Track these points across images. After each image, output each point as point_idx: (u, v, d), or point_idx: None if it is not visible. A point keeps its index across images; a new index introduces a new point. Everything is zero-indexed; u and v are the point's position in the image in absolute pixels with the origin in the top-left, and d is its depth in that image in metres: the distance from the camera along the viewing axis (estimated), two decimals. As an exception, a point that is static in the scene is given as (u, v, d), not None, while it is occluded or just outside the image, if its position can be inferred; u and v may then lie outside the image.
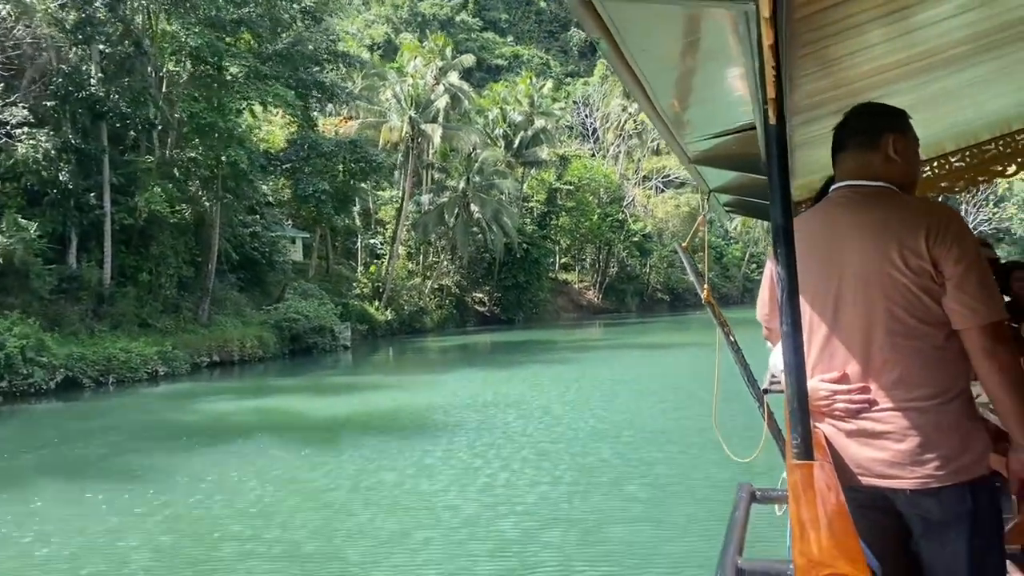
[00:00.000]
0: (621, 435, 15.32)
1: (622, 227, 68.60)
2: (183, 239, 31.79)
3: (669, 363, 28.53)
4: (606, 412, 17.95)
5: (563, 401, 19.98)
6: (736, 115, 2.75)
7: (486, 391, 21.87)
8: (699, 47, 2.04)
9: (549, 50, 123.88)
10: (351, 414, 18.53)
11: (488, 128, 60.51)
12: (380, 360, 36.87)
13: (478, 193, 52.37)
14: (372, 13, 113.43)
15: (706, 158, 3.48)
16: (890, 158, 2.40)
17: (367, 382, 24.91)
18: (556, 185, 64.78)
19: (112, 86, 27.67)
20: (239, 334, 33.29)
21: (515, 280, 59.57)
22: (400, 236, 51.31)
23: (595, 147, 77.47)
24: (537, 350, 36.95)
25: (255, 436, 16.05)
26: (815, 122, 3.21)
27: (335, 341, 37.93)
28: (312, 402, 20.76)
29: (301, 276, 47.58)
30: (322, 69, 34.30)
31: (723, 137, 3.11)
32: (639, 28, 1.84)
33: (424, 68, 51.11)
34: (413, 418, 17.76)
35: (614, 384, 23.04)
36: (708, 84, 2.43)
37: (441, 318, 55.11)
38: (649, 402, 19.39)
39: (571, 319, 64.93)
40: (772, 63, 1.69)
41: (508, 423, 16.84)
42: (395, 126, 48.09)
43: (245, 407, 20.10)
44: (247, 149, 30.12)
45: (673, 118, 2.81)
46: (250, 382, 27.18)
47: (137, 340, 27.87)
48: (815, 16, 2.07)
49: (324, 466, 13.34)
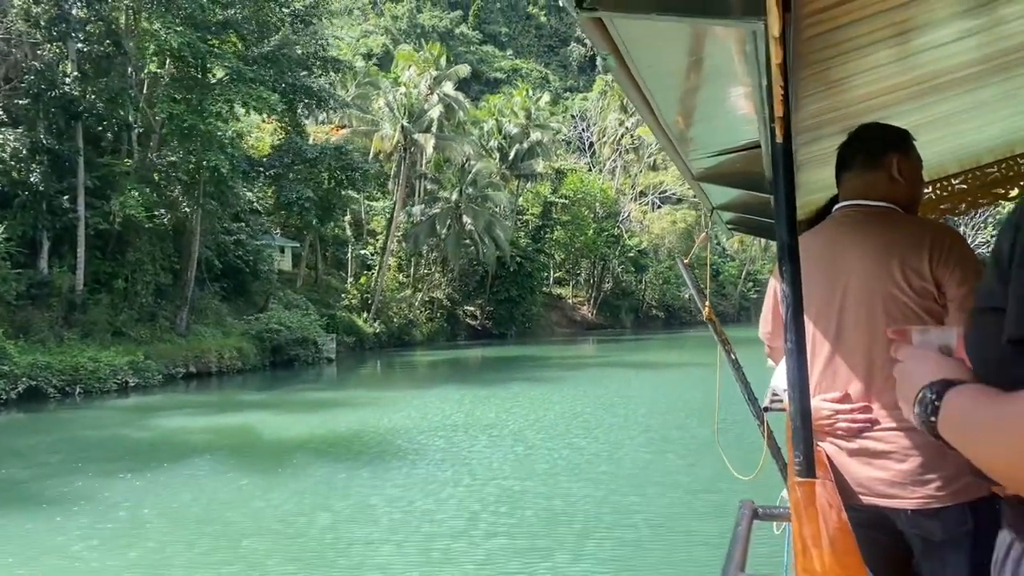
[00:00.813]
0: (597, 470, 14.13)
1: (617, 242, 67.73)
2: (161, 246, 30.77)
3: (663, 384, 27.45)
4: (585, 440, 16.76)
5: (540, 425, 18.71)
6: (741, 133, 2.78)
7: (460, 412, 20.74)
8: (705, 65, 2.07)
9: (548, 64, 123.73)
10: (309, 436, 17.33)
11: (483, 140, 59.72)
12: (362, 374, 35.82)
13: (471, 205, 51.47)
14: (371, 24, 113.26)
15: (710, 175, 3.53)
16: (894, 178, 2.42)
17: (339, 399, 23.83)
18: (551, 199, 63.92)
19: (88, 86, 26.70)
20: (217, 344, 32.24)
21: (508, 294, 58.61)
22: (390, 247, 50.34)
23: (591, 161, 76.72)
24: (525, 367, 35.92)
25: (197, 460, 14.86)
26: (818, 142, 3.20)
27: (318, 353, 36.87)
28: (275, 420, 19.65)
29: (289, 286, 46.62)
30: (310, 74, 33.38)
31: (727, 155, 3.14)
32: (647, 45, 1.86)
33: (418, 77, 50.27)
34: (374, 443, 16.54)
35: (601, 406, 21.99)
36: (713, 102, 2.49)
37: (431, 331, 54.11)
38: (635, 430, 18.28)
39: (565, 334, 63.98)
40: (781, 82, 1.71)
41: (475, 452, 15.50)
42: (387, 135, 47.19)
43: (202, 424, 18.97)
44: (229, 154, 29.13)
45: (678, 135, 2.83)
46: (220, 396, 26.11)
47: (108, 349, 26.81)
48: (821, 36, 2.07)
49: (252, 502, 11.90)
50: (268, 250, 41.41)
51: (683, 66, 2.06)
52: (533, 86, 74.62)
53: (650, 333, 65.25)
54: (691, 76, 2.17)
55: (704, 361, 33.59)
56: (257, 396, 25.72)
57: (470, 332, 58.01)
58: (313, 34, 32.32)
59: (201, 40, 27.98)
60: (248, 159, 31.45)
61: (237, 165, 29.49)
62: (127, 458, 15.09)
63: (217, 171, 27.66)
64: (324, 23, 35.24)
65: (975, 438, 0.93)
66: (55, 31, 25.29)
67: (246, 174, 30.52)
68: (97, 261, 29.09)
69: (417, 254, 54.02)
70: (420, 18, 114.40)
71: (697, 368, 31.54)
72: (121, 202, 26.79)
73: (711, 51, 1.92)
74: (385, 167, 54.24)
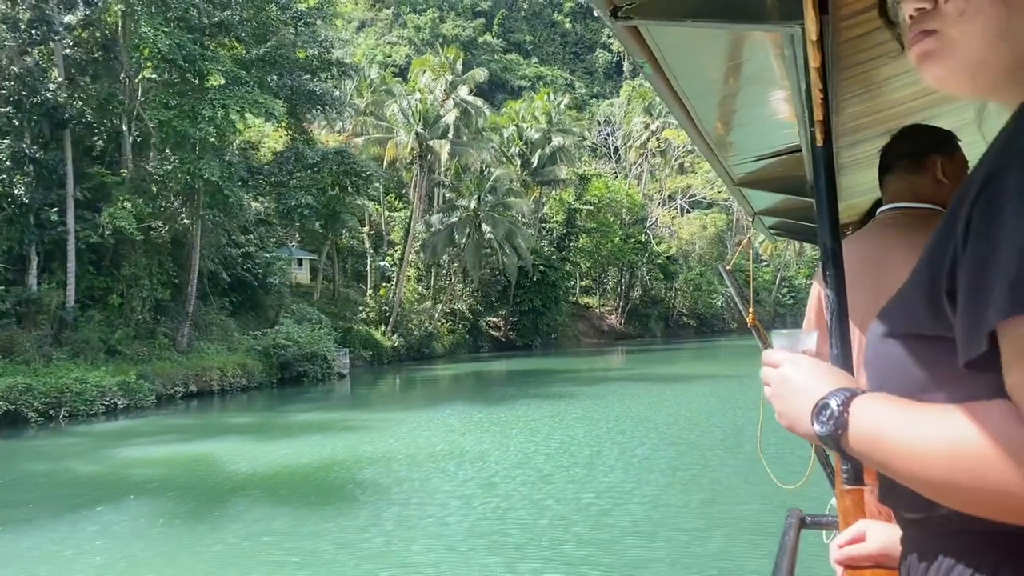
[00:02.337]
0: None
1: (645, 249, 65.60)
2: (159, 259, 29.37)
3: (697, 397, 25.32)
4: (591, 475, 14.69)
5: (546, 452, 16.59)
6: (780, 137, 2.84)
7: (454, 437, 18.73)
8: (743, 69, 2.10)
9: (574, 71, 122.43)
10: (274, 468, 15.42)
11: (504, 146, 58.08)
12: (372, 391, 34.11)
13: (490, 213, 49.78)
14: (394, 35, 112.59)
15: (751, 180, 3.50)
16: (938, 180, 2.35)
17: (330, 421, 21.94)
18: (575, 205, 62.01)
19: (76, 92, 25.39)
20: (220, 362, 30.75)
21: (531, 304, 56.77)
22: (408, 257, 48.75)
23: (617, 167, 74.73)
24: (544, 380, 34.03)
25: (130, 501, 12.99)
26: (860, 145, 3.14)
27: (328, 369, 35.24)
28: (246, 447, 17.86)
29: (306, 299, 45.27)
30: (313, 78, 31.90)
31: (768, 160, 3.18)
32: (684, 52, 1.86)
33: (434, 82, 48.74)
34: (338, 478, 14.52)
35: (616, 429, 19.97)
36: (752, 106, 2.51)
37: (453, 343, 52.44)
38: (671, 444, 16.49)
39: (592, 345, 62.02)
40: (819, 85, 1.70)
41: (452, 493, 13.03)
42: (401, 142, 45.66)
43: (164, 454, 17.22)
44: (226, 162, 27.66)
45: (717, 141, 2.85)
46: (209, 418, 24.54)
47: (98, 369, 25.38)
48: (860, 39, 2.04)
49: (157, 560, 9.88)
50: (279, 262, 39.95)
51: (720, 72, 2.09)
52: (555, 90, 72.67)
53: (681, 342, 63.12)
54: (729, 81, 2.18)
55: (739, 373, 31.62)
56: (247, 418, 24.07)
57: (493, 344, 56.28)
58: (312, 35, 30.80)
59: (193, 42, 26.58)
60: (248, 167, 29.95)
61: (235, 173, 27.97)
62: (58, 497, 13.42)
63: (209, 180, 26.10)
64: (327, 25, 33.70)
65: (899, 453, 0.87)
66: (35, 34, 23.98)
67: (245, 182, 28.98)
68: (90, 276, 27.77)
69: (436, 264, 52.42)
70: (443, 28, 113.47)
71: (731, 381, 29.47)
72: (110, 214, 25.40)
73: (748, 56, 1.95)
74: (405, 176, 52.87)
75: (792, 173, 3.10)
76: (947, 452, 0.81)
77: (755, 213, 4.56)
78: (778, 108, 2.33)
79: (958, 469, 0.80)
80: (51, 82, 25.06)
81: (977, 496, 0.80)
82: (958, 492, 0.82)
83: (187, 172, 26.53)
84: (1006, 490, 0.77)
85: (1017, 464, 0.76)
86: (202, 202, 29.27)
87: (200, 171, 26.64)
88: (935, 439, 0.82)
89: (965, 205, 0.83)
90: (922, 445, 0.84)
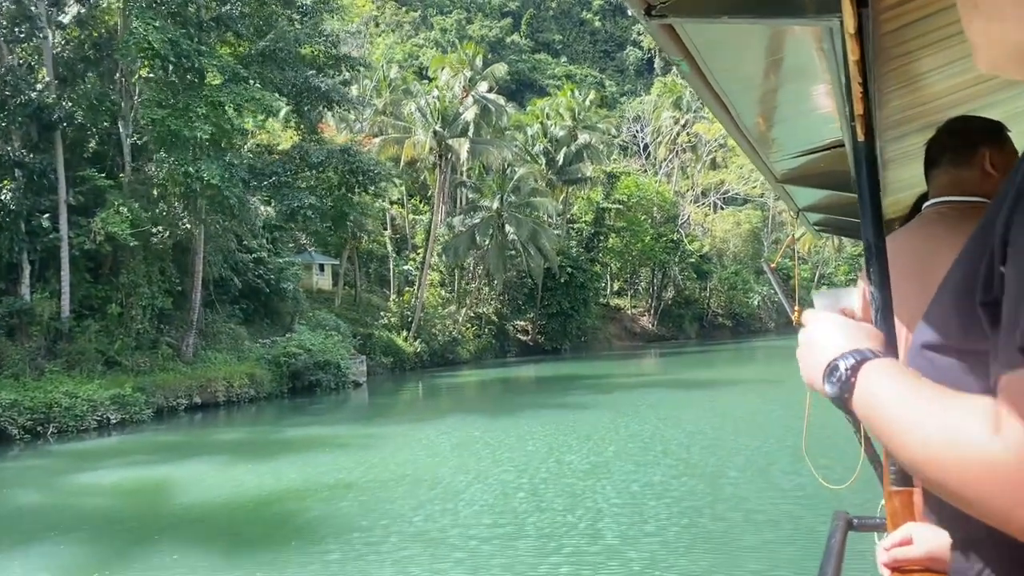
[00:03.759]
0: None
1: (677, 248, 63.41)
2: (159, 265, 28.13)
3: (737, 404, 23.41)
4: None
5: (535, 479, 14.54)
6: (823, 132, 2.80)
7: (439, 458, 16.95)
8: (783, 65, 2.08)
9: (604, 70, 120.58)
10: (239, 496, 13.78)
11: (528, 144, 56.41)
12: (383, 402, 32.67)
13: (514, 213, 48.09)
14: (421, 37, 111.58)
15: (793, 177, 3.48)
16: (987, 173, 2.24)
17: (326, 437, 20.27)
18: (604, 204, 60.06)
19: (65, 92, 24.21)
20: (226, 372, 29.43)
21: (559, 307, 54.94)
22: (429, 260, 47.25)
23: (647, 164, 72.60)
24: (567, 387, 32.32)
25: (51, 541, 11.41)
26: (904, 138, 3.08)
27: (342, 378, 33.78)
28: (220, 470, 16.34)
29: (326, 305, 44.04)
30: (319, 73, 30.48)
31: (810, 155, 3.14)
32: (721, 48, 1.86)
33: (453, 79, 47.22)
34: (311, 509, 12.69)
35: (638, 446, 18.19)
36: (793, 102, 2.49)
37: (479, 349, 50.86)
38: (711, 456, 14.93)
39: (624, 348, 60.05)
40: (859, 79, 1.69)
41: (442, 538, 11.09)
42: (419, 141, 44.17)
43: (135, 477, 15.81)
44: (227, 162, 26.32)
45: (758, 137, 2.82)
46: (203, 434, 23.26)
47: (92, 382, 24.14)
48: (901, 31, 2.01)
49: None
50: (293, 268, 38.64)
51: (759, 68, 2.07)
52: (579, 86, 70.77)
53: (717, 344, 61.07)
54: (768, 77, 2.16)
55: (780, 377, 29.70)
56: (241, 433, 22.65)
57: (521, 348, 54.60)
58: (314, 27, 29.35)
59: (189, 38, 25.28)
60: (250, 168, 28.60)
61: (235, 174, 26.61)
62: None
63: (204, 180, 24.73)
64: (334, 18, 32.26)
65: (890, 430, 0.86)
66: (18, 31, 22.81)
67: (246, 183, 27.61)
68: (88, 285, 26.61)
69: (459, 267, 50.87)
70: (470, 29, 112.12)
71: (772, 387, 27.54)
72: (102, 219, 24.17)
73: (787, 51, 1.93)
74: (428, 179, 51.47)
75: (835, 168, 3.08)
76: (930, 442, 0.79)
77: (799, 210, 4.51)
78: (819, 103, 2.29)
79: (937, 464, 0.78)
80: (38, 82, 23.88)
81: (958, 500, 0.77)
82: (941, 489, 0.79)
83: (184, 174, 25.22)
84: (979, 499, 0.75)
85: (984, 476, 0.73)
86: (204, 205, 27.96)
87: (199, 173, 25.33)
88: (925, 426, 0.80)
89: (1003, 211, 0.78)
90: (911, 427, 0.81)
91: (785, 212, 62.04)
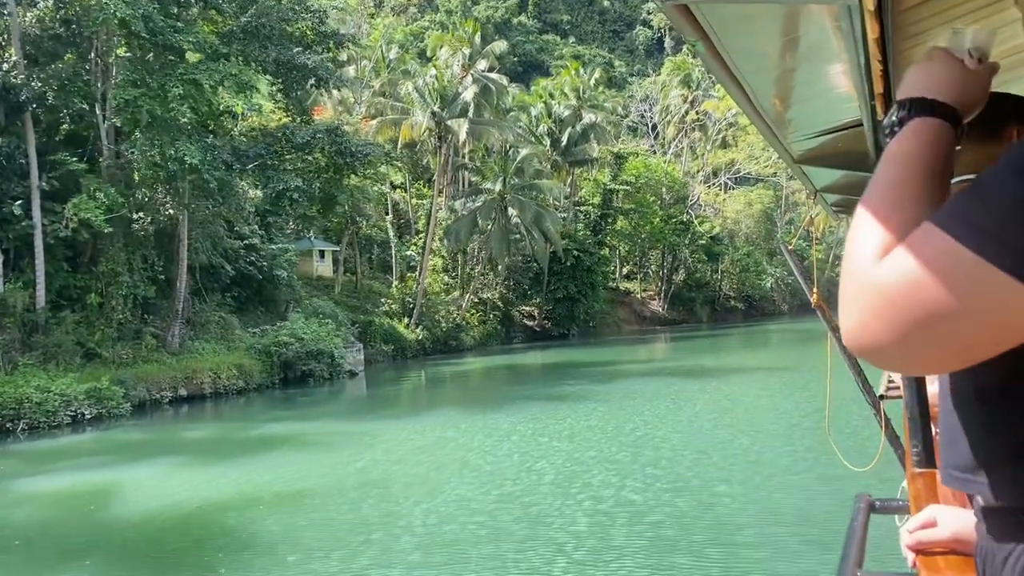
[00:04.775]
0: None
1: (687, 229, 61.84)
2: (141, 253, 27.02)
3: (744, 404, 22.09)
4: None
5: (493, 496, 12.92)
6: (841, 112, 2.77)
7: (409, 463, 15.66)
8: (800, 44, 2.06)
9: (614, 50, 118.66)
10: (170, 506, 12.54)
11: (532, 125, 54.94)
12: (376, 392, 31.56)
13: (517, 196, 46.71)
14: (427, 20, 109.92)
15: (811, 157, 3.47)
16: None
17: (297, 434, 19.11)
18: (611, 186, 58.54)
19: (34, 71, 23.06)
20: (213, 363, 28.35)
21: (566, 291, 53.62)
22: (430, 245, 46.00)
23: (655, 144, 70.90)
24: (578, 374, 31.15)
25: (19, 545, 10.44)
26: None
27: (335, 367, 32.65)
28: (166, 474, 15.23)
29: (326, 292, 42.96)
30: (306, 50, 29.16)
31: (828, 135, 3.12)
32: (737, 28, 1.85)
33: (451, 58, 45.79)
34: (223, 526, 11.37)
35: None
36: (810, 81, 2.46)
37: (484, 335, 49.64)
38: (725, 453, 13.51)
39: (633, 332, 58.69)
40: (879, 57, 1.71)
41: None
42: (417, 122, 42.82)
43: (71, 483, 14.67)
44: (207, 143, 25.12)
45: (775, 118, 2.83)
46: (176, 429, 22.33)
47: (67, 376, 23.09)
48: (921, 6, 1.96)
49: None
50: (288, 254, 37.49)
51: (776, 47, 2.05)
52: (584, 64, 69.06)
53: (729, 327, 59.71)
54: (786, 57, 2.15)
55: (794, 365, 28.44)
56: (212, 430, 21.67)
57: (528, 334, 53.37)
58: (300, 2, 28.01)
59: (164, 14, 24.05)
60: (233, 150, 27.37)
61: (217, 156, 25.41)
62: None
63: (184, 162, 23.53)
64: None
65: (870, 193, 0.92)
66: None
67: (229, 166, 26.40)
68: (65, 274, 25.56)
69: (461, 252, 49.60)
70: (475, 10, 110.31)
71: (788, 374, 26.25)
72: (75, 205, 23.05)
73: (804, 30, 1.90)
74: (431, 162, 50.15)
75: (854, 148, 3.00)
76: (853, 237, 0.87)
77: (816, 190, 4.54)
78: (837, 82, 2.22)
79: (846, 261, 0.86)
80: (4, 60, 22.74)
81: (840, 300, 0.86)
82: (841, 286, 0.86)
83: (161, 156, 24.05)
84: (846, 304, 0.85)
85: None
86: (187, 189, 26.80)
87: (179, 154, 24.15)
88: (861, 225, 0.87)
89: None
90: (861, 217, 0.88)
91: (799, 192, 60.33)
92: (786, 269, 60.27)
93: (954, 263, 0.76)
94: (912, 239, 0.80)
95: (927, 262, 0.78)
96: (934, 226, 0.79)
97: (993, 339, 0.78)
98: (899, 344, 0.79)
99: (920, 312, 0.77)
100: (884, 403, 3.18)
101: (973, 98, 1.04)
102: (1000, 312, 0.76)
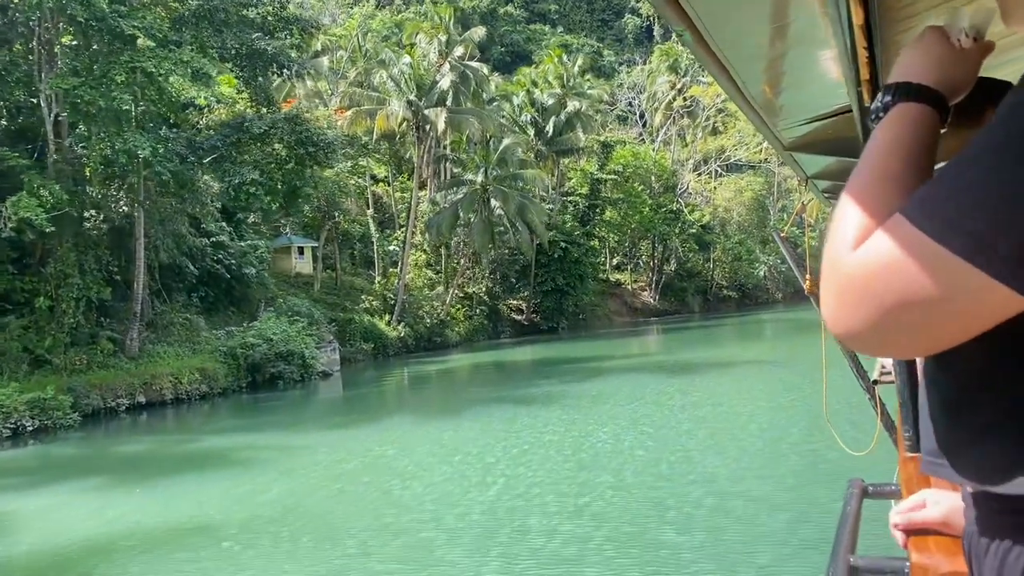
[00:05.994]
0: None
1: (678, 218, 60.50)
2: (93, 253, 25.55)
3: (735, 403, 20.78)
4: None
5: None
6: (831, 98, 2.79)
7: (304, 496, 14.11)
8: (788, 31, 2.05)
9: (603, 39, 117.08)
10: (60, 543, 11.01)
11: (515, 114, 53.45)
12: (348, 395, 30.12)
13: (499, 187, 45.26)
14: (411, 11, 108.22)
15: (801, 144, 3.52)
16: None
17: (244, 446, 17.76)
18: (599, 175, 57.08)
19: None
20: (175, 367, 26.92)
21: (554, 284, 52.22)
22: (410, 239, 44.54)
23: (644, 133, 69.43)
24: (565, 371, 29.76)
25: None
26: None
27: (306, 369, 31.22)
28: (75, 500, 13.76)
29: (304, 290, 41.52)
30: (268, 36, 27.65)
31: (818, 122, 3.15)
32: (724, 16, 1.84)
33: (428, 45, 44.27)
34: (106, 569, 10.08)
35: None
36: (800, 68, 2.47)
37: (470, 330, 48.23)
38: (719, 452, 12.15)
39: (625, 324, 57.34)
40: (864, 43, 1.69)
41: None
42: (393, 112, 41.32)
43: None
44: (159, 135, 23.63)
45: (764, 105, 2.84)
46: (110, 444, 21.06)
47: (8, 386, 21.65)
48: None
49: None
50: (257, 251, 36.02)
51: (764, 34, 2.05)
52: (568, 51, 67.57)
53: (722, 317, 58.49)
54: (774, 44, 2.15)
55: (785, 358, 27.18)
56: (151, 444, 20.30)
57: (516, 328, 51.97)
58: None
59: None
60: (188, 141, 25.89)
61: (171, 148, 23.92)
62: None
63: (133, 154, 22.06)
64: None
65: (856, 176, 0.93)
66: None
67: (183, 159, 24.92)
68: (10, 277, 24.09)
69: (444, 245, 48.13)
70: (461, 1, 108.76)
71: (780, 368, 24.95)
72: (13, 203, 21.57)
73: (793, 16, 1.89)
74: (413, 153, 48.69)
75: (844, 134, 3.03)
76: (834, 226, 0.88)
77: (807, 177, 4.55)
78: (827, 68, 2.20)
79: (826, 247, 0.88)
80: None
81: (821, 286, 0.88)
82: (822, 270, 0.88)
83: (109, 148, 22.58)
84: (825, 291, 0.86)
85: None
86: (143, 185, 25.31)
87: (127, 147, 22.67)
88: (842, 212, 0.88)
89: None
90: (843, 203, 0.89)
91: (791, 178, 58.96)
92: (779, 257, 59.07)
93: (919, 252, 0.78)
94: (885, 227, 0.81)
95: (895, 251, 0.79)
96: (902, 215, 0.80)
97: (961, 325, 0.79)
98: (872, 330, 0.81)
99: (890, 300, 0.79)
100: (879, 388, 3.04)
101: (960, 80, 1.03)
102: (962, 299, 0.77)
